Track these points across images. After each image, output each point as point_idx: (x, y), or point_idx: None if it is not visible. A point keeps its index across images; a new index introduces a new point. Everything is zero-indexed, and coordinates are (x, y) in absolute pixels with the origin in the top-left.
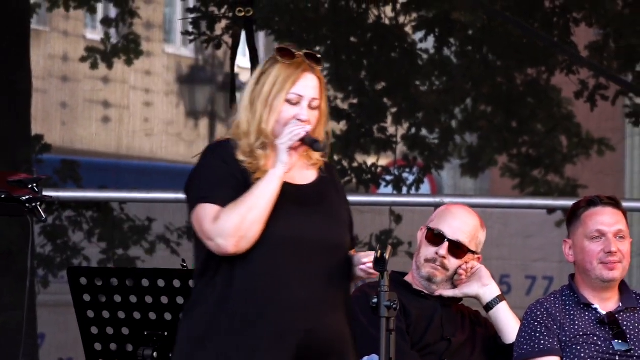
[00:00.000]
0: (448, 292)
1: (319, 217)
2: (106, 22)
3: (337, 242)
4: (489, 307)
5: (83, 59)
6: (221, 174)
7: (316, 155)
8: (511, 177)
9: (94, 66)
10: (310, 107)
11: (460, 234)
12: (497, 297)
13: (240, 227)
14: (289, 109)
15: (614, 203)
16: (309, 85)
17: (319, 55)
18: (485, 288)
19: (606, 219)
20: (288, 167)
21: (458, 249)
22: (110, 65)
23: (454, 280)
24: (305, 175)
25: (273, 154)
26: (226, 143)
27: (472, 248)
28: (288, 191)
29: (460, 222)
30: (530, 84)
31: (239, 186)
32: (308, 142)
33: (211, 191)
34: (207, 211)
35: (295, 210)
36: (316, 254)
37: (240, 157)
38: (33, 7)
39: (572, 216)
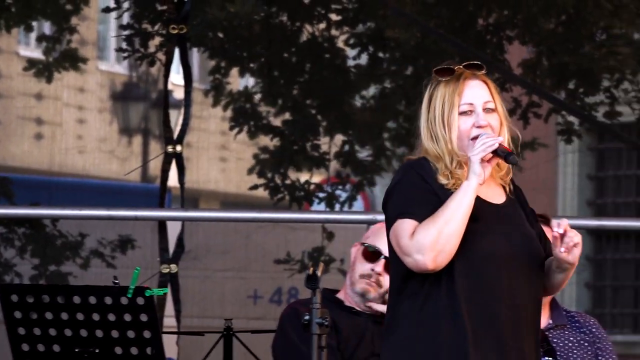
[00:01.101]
0: (378, 307)
1: (518, 236)
2: (43, 38)
3: (539, 259)
4: None
5: (26, 69)
6: (420, 191)
7: (501, 174)
8: None
9: (39, 74)
10: (486, 111)
11: None
12: None
13: (438, 241)
14: (466, 121)
15: (545, 221)
16: (476, 91)
17: (479, 62)
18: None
19: None
20: (481, 179)
21: None
22: (50, 80)
23: (384, 299)
24: (497, 193)
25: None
26: (425, 161)
27: None
28: (483, 208)
29: None
30: None
31: (440, 204)
32: (501, 153)
33: (410, 207)
34: (405, 226)
35: (494, 226)
36: (515, 270)
37: (442, 180)
38: None
39: None
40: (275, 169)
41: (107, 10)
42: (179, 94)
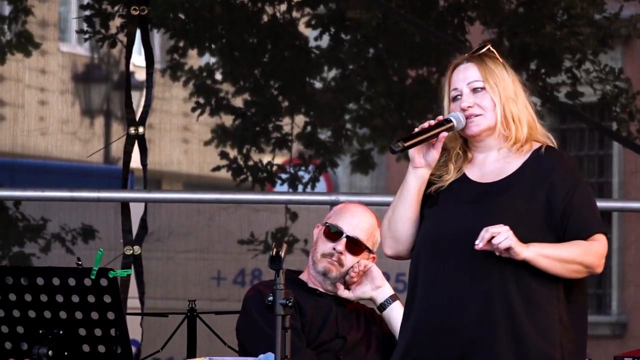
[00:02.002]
0: (343, 294)
1: (474, 209)
2: None
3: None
4: (382, 307)
5: None
6: None
7: (519, 135)
8: (406, 162)
9: None
10: (474, 91)
11: (359, 231)
12: (390, 296)
13: (388, 229)
14: (454, 106)
15: None
16: (460, 76)
17: (481, 45)
18: (379, 290)
19: None
20: (415, 164)
21: (355, 246)
22: (2, 61)
23: (345, 279)
24: (506, 168)
25: (475, 154)
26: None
27: (369, 246)
28: (468, 188)
29: (358, 220)
30: (421, 83)
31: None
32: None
33: None
34: None
35: (456, 205)
36: (453, 251)
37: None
38: None
39: None
40: (238, 149)
41: None
42: (140, 75)
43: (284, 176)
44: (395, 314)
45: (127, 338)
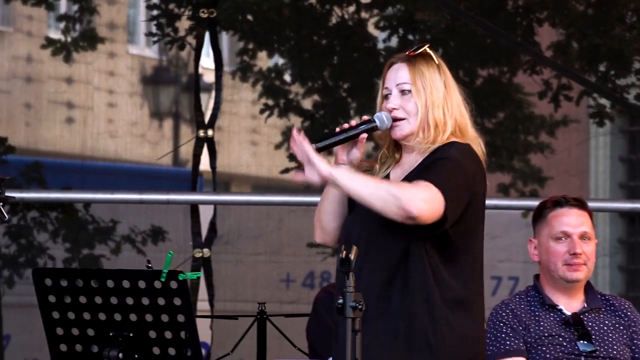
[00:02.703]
0: None
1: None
2: (64, 18)
3: (369, 237)
4: None
5: (43, 47)
6: None
7: (439, 141)
8: None
9: (56, 53)
10: (402, 93)
11: None
12: None
13: (317, 218)
14: (385, 105)
15: (580, 204)
16: (392, 75)
17: (421, 45)
18: None
19: (572, 220)
20: (339, 161)
21: None
22: (68, 59)
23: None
24: (404, 167)
25: (403, 153)
26: None
27: None
28: None
29: None
30: (492, 83)
31: None
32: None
33: None
34: None
35: (360, 209)
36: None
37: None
38: None
39: (537, 216)
40: None
41: None
42: (209, 77)
43: None
44: None
45: (197, 341)
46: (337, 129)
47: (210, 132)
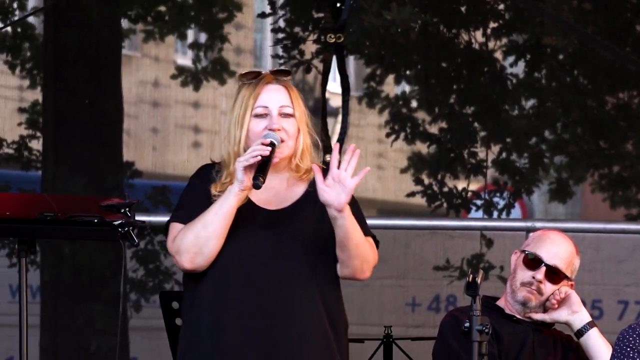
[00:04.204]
0: (537, 316)
1: (271, 235)
2: (195, 46)
3: (296, 261)
4: (579, 333)
5: (173, 77)
6: (194, 194)
7: (305, 166)
8: (601, 193)
9: (185, 84)
10: (283, 116)
11: (557, 260)
12: (588, 323)
13: (195, 244)
14: (258, 123)
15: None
16: (273, 95)
17: (286, 69)
18: (576, 315)
19: None
20: (244, 186)
21: (554, 274)
22: (197, 87)
23: (545, 306)
24: (289, 194)
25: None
26: (210, 166)
27: (568, 274)
28: (258, 214)
29: (557, 248)
30: (621, 108)
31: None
32: (258, 169)
33: (180, 210)
34: (172, 230)
35: (252, 230)
36: (259, 273)
37: (213, 190)
38: (126, 32)
39: None
40: (432, 176)
41: (262, 15)
42: (335, 102)
43: (478, 202)
44: (594, 341)
45: None
46: (260, 157)
47: None
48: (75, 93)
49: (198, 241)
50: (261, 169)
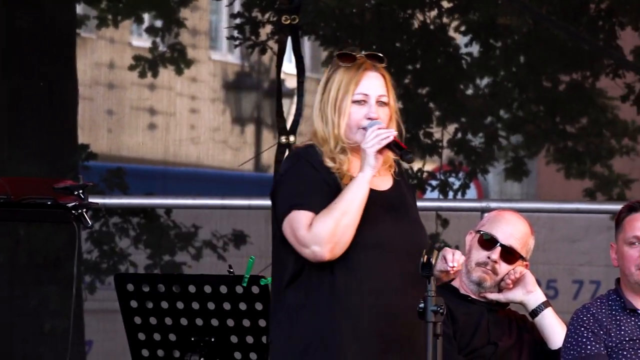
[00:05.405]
0: (492, 296)
1: (406, 224)
2: (152, 30)
3: (422, 247)
4: (534, 313)
5: (131, 67)
6: (313, 180)
7: (391, 159)
8: (556, 164)
9: (143, 75)
10: (379, 104)
11: (513, 240)
12: (543, 303)
13: (335, 233)
14: (358, 110)
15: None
16: (372, 83)
17: (380, 55)
18: (530, 295)
19: None
20: (376, 171)
21: (509, 255)
22: (155, 74)
23: (500, 286)
24: (385, 180)
25: (353, 158)
26: (311, 149)
27: (523, 254)
28: (373, 197)
29: (512, 228)
30: (575, 88)
31: (331, 192)
32: (395, 149)
33: (304, 198)
34: (301, 218)
35: (384, 216)
36: (405, 259)
37: (328, 163)
38: (81, 19)
39: (616, 221)
40: None
41: None
42: (291, 83)
43: (434, 183)
44: (548, 321)
45: None
46: (393, 138)
47: (292, 138)
48: (30, 76)
49: (338, 230)
50: (398, 147)
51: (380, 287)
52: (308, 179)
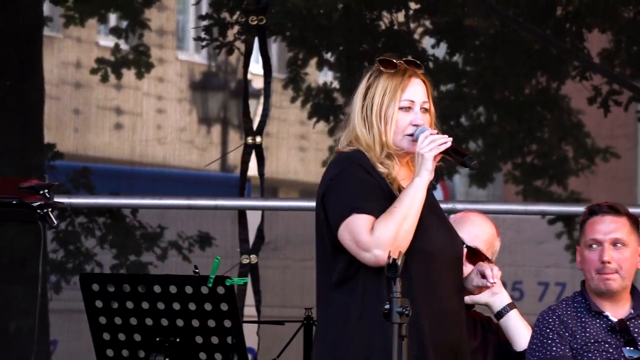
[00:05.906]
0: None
1: (446, 229)
2: (116, 31)
3: (461, 252)
4: (499, 315)
5: (93, 71)
6: (368, 184)
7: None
8: (515, 185)
9: (105, 79)
10: (422, 111)
11: (478, 241)
12: (508, 305)
13: (397, 237)
14: (404, 117)
15: (614, 211)
16: (417, 89)
17: (418, 61)
18: (496, 296)
19: (602, 227)
20: (432, 175)
21: (475, 256)
22: (119, 76)
23: (467, 288)
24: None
25: (397, 164)
26: (360, 153)
27: (489, 255)
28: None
29: (478, 229)
30: (540, 92)
31: (385, 197)
32: (454, 154)
33: (363, 201)
34: (362, 222)
35: (429, 221)
36: (452, 267)
37: (380, 168)
38: (46, 19)
39: (580, 224)
40: None
41: None
42: (258, 83)
43: None
44: (513, 322)
45: (243, 346)
46: (450, 143)
47: (258, 139)
48: None
49: (399, 234)
50: (457, 152)
51: (438, 295)
52: (364, 182)
